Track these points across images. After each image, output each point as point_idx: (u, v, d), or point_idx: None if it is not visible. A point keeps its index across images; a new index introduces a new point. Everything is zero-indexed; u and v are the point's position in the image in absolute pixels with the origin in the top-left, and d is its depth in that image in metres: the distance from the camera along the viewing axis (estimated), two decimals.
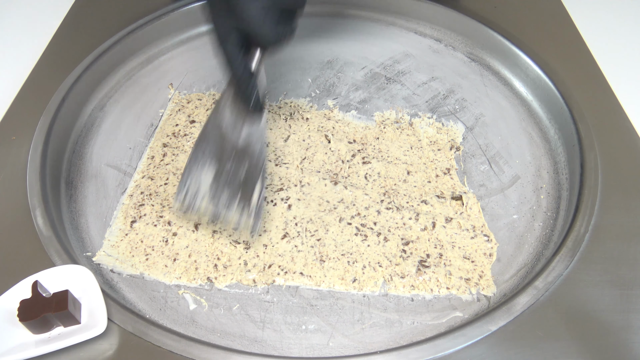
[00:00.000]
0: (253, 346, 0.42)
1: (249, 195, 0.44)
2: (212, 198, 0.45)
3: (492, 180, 0.54)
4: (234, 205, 0.44)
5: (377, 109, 0.60)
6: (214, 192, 0.45)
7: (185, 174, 0.46)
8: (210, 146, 0.46)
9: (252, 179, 0.45)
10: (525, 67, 0.62)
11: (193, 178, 0.46)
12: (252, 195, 0.44)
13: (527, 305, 0.42)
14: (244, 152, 0.46)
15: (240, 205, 0.44)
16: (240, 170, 0.45)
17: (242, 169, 0.45)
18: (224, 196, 0.45)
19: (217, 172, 0.45)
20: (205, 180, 0.45)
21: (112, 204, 0.51)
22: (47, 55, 0.63)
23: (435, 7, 0.67)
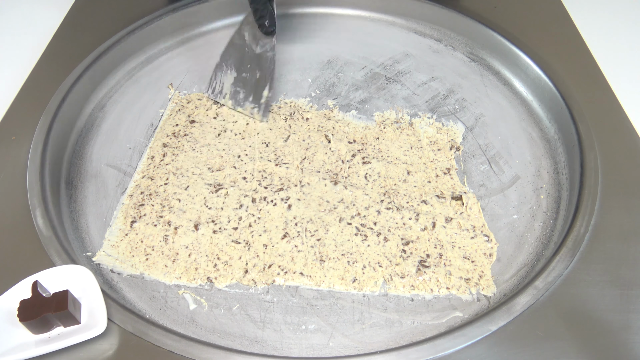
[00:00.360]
0: (253, 346, 0.42)
1: (259, 96, 0.57)
2: (232, 96, 0.59)
3: (492, 180, 0.54)
4: (247, 102, 0.58)
5: (377, 109, 0.60)
6: (233, 92, 0.59)
7: (212, 76, 0.60)
8: (232, 56, 0.59)
9: (263, 83, 0.57)
10: (525, 67, 0.62)
11: (218, 79, 0.59)
12: (262, 96, 0.57)
13: (527, 305, 0.42)
14: (258, 61, 0.57)
15: (252, 103, 0.58)
16: (254, 76, 0.57)
17: (256, 75, 0.57)
18: (241, 95, 0.58)
19: (236, 77, 0.58)
20: (227, 82, 0.59)
21: (112, 204, 0.51)
22: (47, 55, 0.63)
23: (435, 7, 0.67)
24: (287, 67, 0.65)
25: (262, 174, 0.53)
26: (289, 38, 0.68)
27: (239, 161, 0.55)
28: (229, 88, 0.59)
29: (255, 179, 0.53)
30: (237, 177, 0.53)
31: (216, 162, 0.55)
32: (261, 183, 0.53)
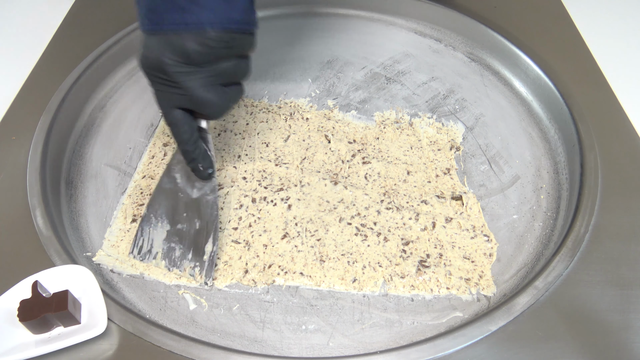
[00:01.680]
0: (253, 346, 0.42)
1: (200, 252, 0.46)
2: (164, 256, 0.46)
3: (492, 180, 0.54)
4: (185, 262, 0.46)
5: (377, 109, 0.60)
6: (166, 251, 0.46)
7: (138, 233, 0.47)
8: (162, 206, 0.47)
9: (205, 234, 0.46)
10: (525, 67, 0.62)
11: (145, 237, 0.47)
12: (205, 251, 0.46)
13: (527, 305, 0.42)
14: (196, 207, 0.47)
15: (192, 261, 0.46)
16: (192, 226, 0.46)
17: (195, 225, 0.46)
18: (176, 253, 0.46)
19: (169, 232, 0.47)
20: (157, 239, 0.47)
21: (112, 204, 0.51)
22: (47, 55, 0.63)
23: (435, 7, 0.67)
24: (287, 67, 0.65)
25: (262, 174, 0.53)
26: (289, 38, 0.68)
27: (239, 161, 0.55)
28: (160, 245, 0.46)
29: (255, 179, 0.53)
30: (237, 177, 0.53)
31: (216, 162, 0.55)
32: (261, 183, 0.53)
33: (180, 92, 0.41)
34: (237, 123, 0.58)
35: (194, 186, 0.47)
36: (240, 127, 0.58)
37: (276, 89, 0.62)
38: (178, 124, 0.43)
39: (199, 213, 0.46)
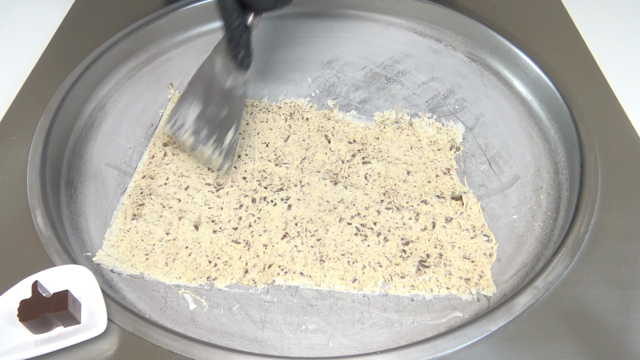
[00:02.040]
0: (253, 346, 0.42)
1: (222, 137, 0.50)
2: (193, 133, 0.51)
3: (492, 180, 0.54)
4: (209, 142, 0.51)
5: (377, 109, 0.60)
6: (195, 127, 0.51)
7: (175, 108, 0.52)
8: (200, 88, 0.52)
9: (229, 123, 0.51)
10: (525, 67, 0.62)
11: (181, 112, 0.52)
12: (225, 138, 0.50)
13: (527, 305, 0.42)
14: (227, 97, 0.51)
15: (214, 144, 0.50)
16: (220, 113, 0.51)
17: (222, 112, 0.51)
18: (203, 133, 0.51)
19: (201, 112, 0.51)
20: (190, 117, 0.52)
21: (112, 204, 0.51)
22: (47, 55, 0.63)
23: (435, 7, 0.67)
24: (287, 67, 0.65)
25: (262, 174, 0.53)
26: (289, 38, 0.68)
27: (239, 161, 0.55)
28: (191, 123, 0.52)
29: (255, 179, 0.53)
30: (237, 177, 0.53)
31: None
32: (261, 183, 0.53)
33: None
34: None
35: (229, 76, 0.51)
36: (241, 127, 0.58)
37: (276, 89, 0.62)
38: (229, 11, 0.47)
39: (227, 102, 0.51)
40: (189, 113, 0.52)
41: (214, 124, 0.51)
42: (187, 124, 0.51)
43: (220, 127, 0.51)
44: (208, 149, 0.51)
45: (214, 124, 0.51)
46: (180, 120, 0.52)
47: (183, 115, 0.52)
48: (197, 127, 0.51)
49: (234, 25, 0.48)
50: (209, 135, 0.51)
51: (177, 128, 0.52)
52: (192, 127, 0.51)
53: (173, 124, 0.52)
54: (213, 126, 0.51)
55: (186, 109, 0.52)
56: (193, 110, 0.52)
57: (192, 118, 0.51)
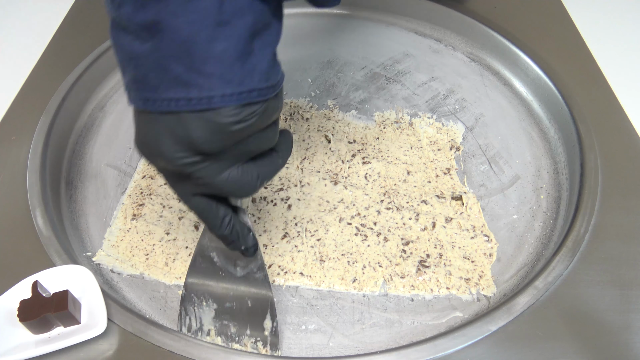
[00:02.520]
0: None
1: (259, 328, 0.41)
2: (218, 333, 0.41)
3: (492, 180, 0.54)
4: (244, 338, 0.41)
5: (377, 109, 0.60)
6: (219, 328, 0.41)
7: (181, 313, 0.42)
8: (203, 285, 0.42)
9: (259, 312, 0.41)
10: (525, 67, 0.62)
11: (191, 315, 0.42)
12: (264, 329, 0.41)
13: (527, 305, 0.42)
14: (244, 284, 0.41)
15: (252, 337, 0.41)
16: (243, 305, 0.41)
17: (246, 303, 0.41)
18: (231, 329, 0.41)
19: (217, 311, 0.41)
20: (206, 317, 0.42)
21: (112, 204, 0.51)
22: (47, 55, 0.63)
23: (435, 7, 0.67)
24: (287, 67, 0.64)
25: None
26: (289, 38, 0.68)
27: None
28: (211, 323, 0.41)
29: None
30: None
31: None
32: None
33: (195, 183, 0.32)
34: None
35: (237, 264, 0.41)
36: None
37: None
38: (203, 212, 0.35)
39: (249, 291, 0.41)
40: (201, 314, 0.41)
41: (240, 317, 0.41)
42: (206, 325, 0.41)
43: (251, 318, 0.41)
44: (248, 345, 0.41)
45: (241, 318, 0.41)
46: (195, 325, 0.41)
47: (195, 317, 0.41)
48: (219, 326, 0.41)
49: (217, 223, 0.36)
50: (241, 330, 0.41)
51: (197, 331, 0.41)
52: (215, 328, 0.41)
53: (189, 328, 0.41)
54: (241, 320, 0.41)
55: (196, 311, 0.42)
56: (206, 310, 0.41)
57: (209, 318, 0.41)
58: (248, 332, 0.41)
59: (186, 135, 0.29)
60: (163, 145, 0.30)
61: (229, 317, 0.41)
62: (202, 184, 0.32)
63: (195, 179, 0.32)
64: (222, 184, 0.32)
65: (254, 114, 0.30)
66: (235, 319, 0.41)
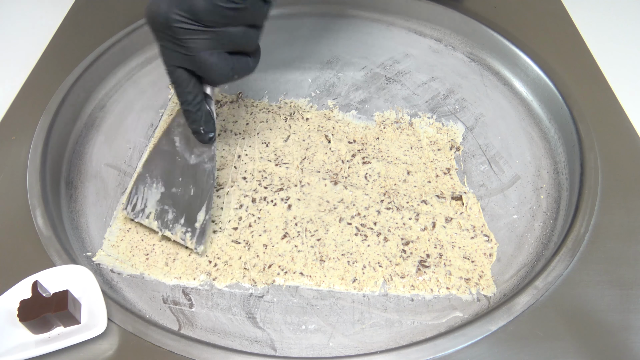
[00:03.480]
0: (253, 346, 0.42)
1: (192, 219, 0.46)
2: (157, 217, 0.47)
3: (492, 180, 0.54)
4: (177, 225, 0.46)
5: (377, 109, 0.60)
6: (159, 212, 0.47)
7: (132, 190, 0.48)
8: (159, 167, 0.47)
9: (198, 203, 0.46)
10: (525, 67, 0.62)
11: (139, 195, 0.47)
12: (197, 219, 0.45)
13: (527, 305, 0.42)
14: (192, 174, 0.46)
15: (184, 227, 0.46)
16: (186, 192, 0.46)
17: (189, 191, 0.46)
18: (169, 215, 0.46)
19: (163, 193, 0.47)
20: (151, 199, 0.47)
21: (112, 204, 0.51)
22: (47, 55, 0.63)
23: (435, 7, 0.67)
24: (287, 67, 0.65)
25: (262, 174, 0.53)
26: (289, 38, 0.68)
27: (239, 161, 0.55)
28: (154, 206, 0.47)
29: (255, 179, 0.53)
30: (237, 177, 0.53)
31: (216, 161, 0.55)
32: (261, 183, 0.53)
33: (184, 52, 0.40)
34: (237, 123, 0.58)
35: (193, 152, 0.46)
36: (240, 127, 0.58)
37: (276, 89, 0.62)
38: (182, 84, 0.43)
39: (194, 180, 0.46)
40: (149, 195, 0.47)
41: (180, 205, 0.46)
42: (148, 207, 0.47)
43: (189, 208, 0.46)
44: (177, 233, 0.46)
45: (181, 206, 0.46)
46: (140, 204, 0.47)
47: (142, 197, 0.47)
48: (160, 210, 0.46)
49: (189, 98, 0.43)
50: (176, 219, 0.46)
51: (138, 212, 0.47)
52: (155, 211, 0.47)
53: (132, 208, 0.47)
54: (180, 208, 0.46)
55: (145, 191, 0.47)
56: (154, 192, 0.47)
57: (154, 200, 0.47)
58: (182, 221, 0.46)
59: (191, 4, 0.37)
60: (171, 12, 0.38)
61: (170, 203, 0.46)
62: (188, 54, 0.40)
63: (184, 49, 0.40)
64: (204, 60, 0.40)
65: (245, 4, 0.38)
66: (175, 206, 0.46)
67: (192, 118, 0.44)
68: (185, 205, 0.46)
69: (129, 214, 0.47)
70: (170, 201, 0.46)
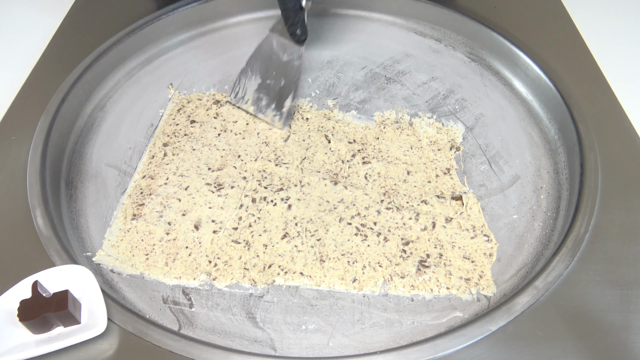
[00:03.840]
0: (253, 346, 0.42)
1: (281, 104, 0.57)
2: (254, 102, 0.58)
3: (492, 180, 0.54)
4: (269, 110, 0.58)
5: (377, 109, 0.60)
6: (256, 98, 0.58)
7: (236, 81, 0.59)
8: (258, 63, 0.58)
9: (287, 91, 0.57)
10: (525, 67, 0.62)
11: (241, 85, 0.59)
12: (284, 105, 0.57)
13: (527, 305, 0.42)
14: (284, 69, 0.57)
15: (274, 111, 0.57)
16: (278, 83, 0.57)
17: (280, 82, 0.57)
18: (263, 102, 0.58)
19: (260, 84, 0.58)
20: (250, 88, 0.59)
21: (112, 204, 0.51)
22: (47, 55, 0.63)
23: (435, 7, 0.67)
24: None
25: (262, 174, 0.53)
26: None
27: (239, 161, 0.55)
28: (251, 94, 0.59)
29: (255, 179, 0.53)
30: (237, 177, 0.53)
31: (216, 162, 0.55)
32: (261, 183, 0.53)
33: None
34: (237, 123, 0.58)
35: (285, 52, 0.57)
36: (240, 127, 0.58)
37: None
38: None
39: (285, 73, 0.57)
40: (249, 85, 0.59)
41: (272, 93, 0.57)
42: (247, 95, 0.59)
43: (280, 95, 0.57)
44: (268, 115, 0.58)
45: (273, 94, 0.57)
46: (241, 92, 0.59)
47: (243, 87, 0.59)
48: (257, 97, 0.58)
49: (290, 6, 0.53)
50: (269, 104, 0.58)
51: (239, 99, 0.59)
52: (252, 97, 0.58)
53: (235, 95, 0.59)
54: (272, 95, 0.58)
55: (246, 82, 0.59)
56: (253, 82, 0.58)
57: (253, 89, 0.58)
58: (273, 106, 0.58)
59: None
60: None
61: (265, 92, 0.58)
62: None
63: None
64: None
65: None
66: (269, 94, 0.58)
67: (291, 22, 0.54)
68: (277, 93, 0.57)
69: (232, 100, 0.59)
70: (265, 90, 0.58)
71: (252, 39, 0.65)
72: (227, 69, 0.64)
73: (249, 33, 0.69)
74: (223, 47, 0.67)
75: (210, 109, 0.60)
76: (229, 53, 0.67)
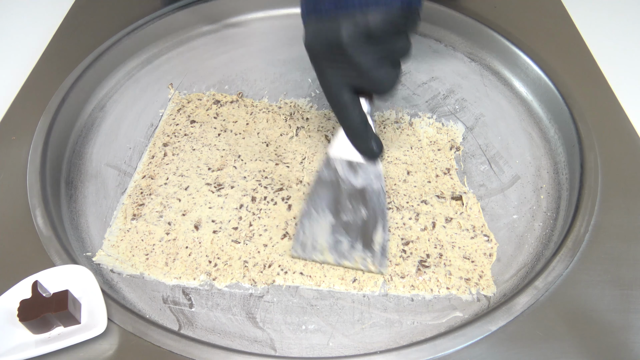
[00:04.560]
0: (253, 346, 0.42)
1: (370, 242, 0.45)
2: (331, 249, 0.45)
3: (492, 180, 0.54)
4: (354, 252, 0.45)
5: (377, 109, 0.60)
6: (333, 244, 0.45)
7: (298, 229, 0.46)
8: (323, 199, 0.47)
9: (372, 224, 0.45)
10: (525, 67, 0.62)
11: (307, 233, 0.46)
12: (374, 241, 0.45)
13: (527, 305, 0.42)
14: (362, 197, 0.46)
15: (363, 252, 0.45)
16: (358, 217, 0.46)
17: (361, 215, 0.46)
18: (344, 245, 0.45)
19: (333, 225, 0.46)
20: (320, 234, 0.46)
21: (112, 204, 0.51)
22: (47, 55, 0.63)
23: (435, 7, 0.67)
24: (287, 67, 0.65)
25: (262, 173, 0.53)
26: (289, 38, 0.68)
27: (239, 161, 0.55)
28: (325, 239, 0.45)
29: (255, 179, 0.53)
30: (237, 177, 0.53)
31: (216, 162, 0.55)
32: (261, 183, 0.53)
33: (354, 70, 0.41)
34: (237, 123, 0.58)
35: (357, 174, 0.46)
36: (240, 127, 0.58)
37: (276, 89, 0.62)
38: (349, 107, 0.44)
39: (364, 202, 0.46)
40: (317, 229, 0.46)
41: (354, 231, 0.45)
42: (320, 241, 0.45)
43: (364, 231, 0.45)
44: (356, 260, 0.45)
45: (355, 231, 0.45)
46: (310, 240, 0.45)
47: (310, 235, 0.46)
48: (334, 241, 0.45)
49: (356, 121, 0.45)
50: (352, 245, 0.45)
51: (310, 249, 0.45)
52: (328, 243, 0.45)
53: (302, 248, 0.45)
54: (354, 234, 0.45)
55: (313, 225, 0.46)
56: (322, 224, 0.46)
57: (324, 235, 0.45)
58: (359, 246, 0.45)
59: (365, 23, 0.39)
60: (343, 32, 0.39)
61: (343, 232, 0.45)
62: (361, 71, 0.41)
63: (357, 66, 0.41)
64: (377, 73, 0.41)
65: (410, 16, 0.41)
66: (349, 234, 0.45)
67: (363, 137, 0.46)
68: (360, 230, 0.45)
69: (300, 254, 0.45)
70: (343, 230, 0.45)
71: (253, 38, 0.65)
72: (227, 69, 0.64)
73: (250, 33, 0.69)
74: (223, 47, 0.67)
75: (210, 109, 0.60)
76: (229, 53, 0.67)
